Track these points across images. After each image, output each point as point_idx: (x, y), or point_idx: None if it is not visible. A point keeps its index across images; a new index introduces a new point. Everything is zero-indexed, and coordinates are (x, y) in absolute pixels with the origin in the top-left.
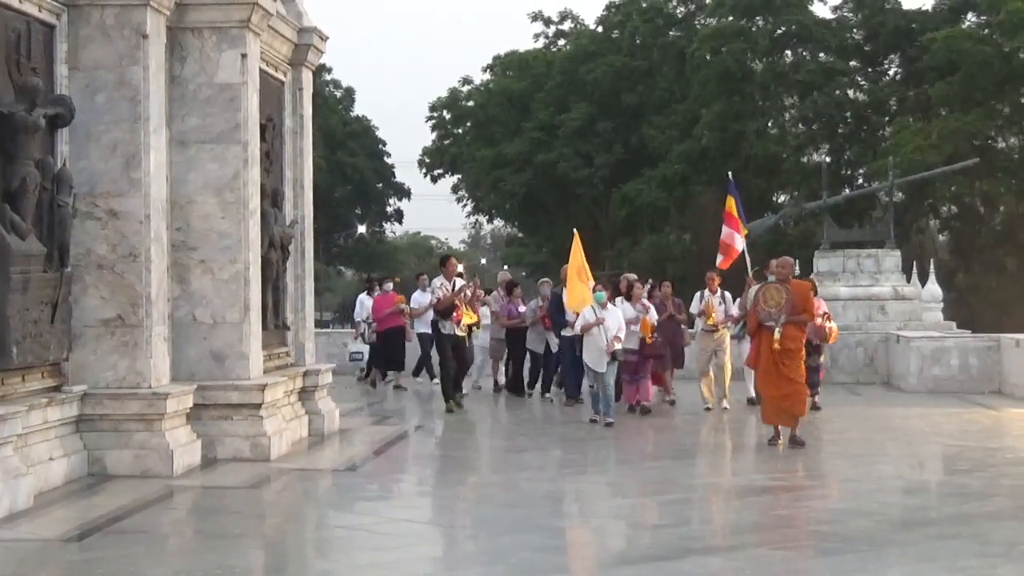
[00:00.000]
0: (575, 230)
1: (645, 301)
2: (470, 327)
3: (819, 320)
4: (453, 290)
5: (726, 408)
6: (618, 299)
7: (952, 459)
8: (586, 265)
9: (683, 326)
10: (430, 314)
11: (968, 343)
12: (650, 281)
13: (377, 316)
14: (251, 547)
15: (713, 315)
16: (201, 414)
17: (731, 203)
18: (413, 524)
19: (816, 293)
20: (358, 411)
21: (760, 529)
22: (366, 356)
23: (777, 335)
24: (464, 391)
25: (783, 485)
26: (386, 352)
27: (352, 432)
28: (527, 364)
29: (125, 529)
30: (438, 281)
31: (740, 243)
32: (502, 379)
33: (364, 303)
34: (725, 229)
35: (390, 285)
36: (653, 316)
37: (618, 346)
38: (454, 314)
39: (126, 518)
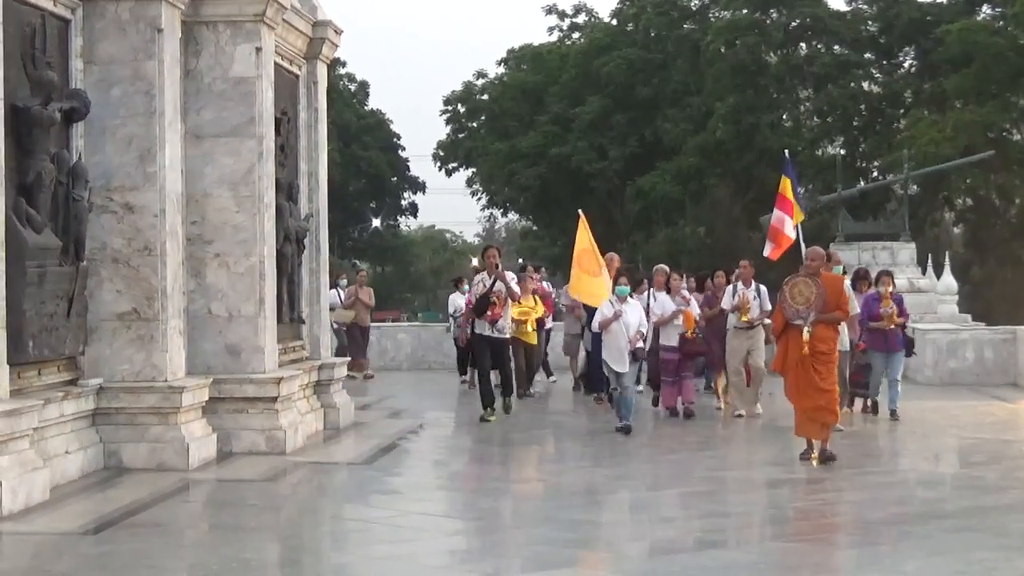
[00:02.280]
0: (580, 211)
1: (685, 293)
2: (540, 321)
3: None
4: (491, 286)
5: (758, 413)
6: (660, 292)
7: (968, 452)
8: (596, 251)
9: None
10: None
11: (983, 336)
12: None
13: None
14: (267, 540)
15: (748, 311)
16: (217, 407)
17: (786, 184)
18: (428, 517)
19: (894, 284)
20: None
21: (776, 522)
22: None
23: (806, 335)
24: (534, 390)
25: (799, 478)
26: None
27: (367, 425)
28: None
29: (141, 522)
30: (478, 276)
31: (792, 230)
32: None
33: (455, 301)
34: (776, 213)
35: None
36: (695, 308)
37: (640, 344)
38: (488, 312)
39: (142, 511)
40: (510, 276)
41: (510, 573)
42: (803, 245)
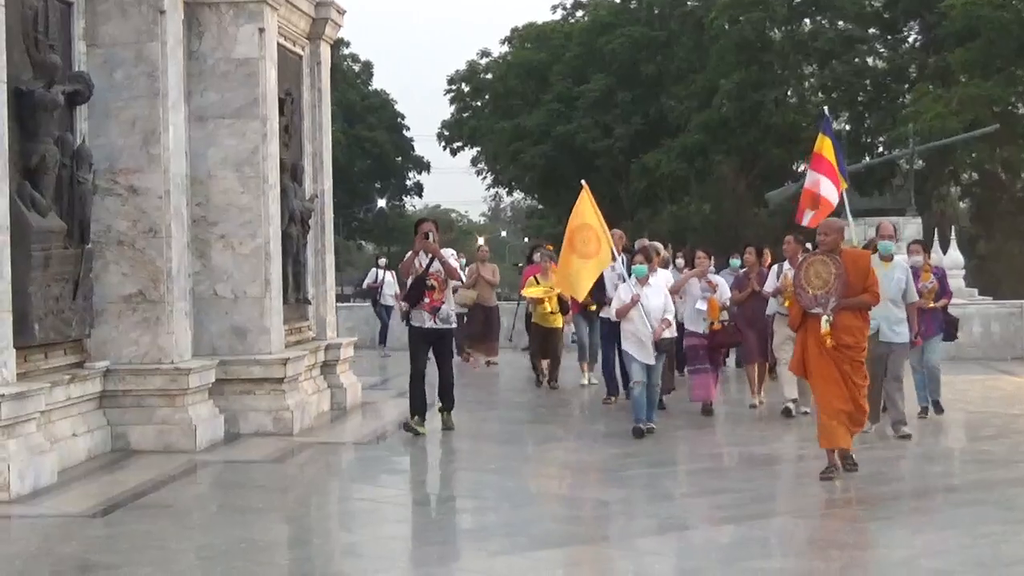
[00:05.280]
0: (583, 181)
1: (713, 276)
2: (588, 307)
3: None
4: (428, 267)
5: (805, 412)
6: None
7: (975, 426)
8: (601, 226)
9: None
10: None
11: (990, 310)
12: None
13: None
14: (275, 520)
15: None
16: (223, 389)
17: (824, 143)
18: (436, 496)
19: (929, 255)
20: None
21: (784, 497)
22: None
23: (826, 326)
24: (588, 379)
25: (807, 454)
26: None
27: (374, 405)
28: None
29: (149, 504)
30: (410, 254)
31: (833, 194)
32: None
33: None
34: (810, 176)
35: (539, 256)
36: (724, 294)
37: (667, 333)
38: (426, 299)
39: (150, 493)
40: (448, 253)
41: (518, 551)
42: (850, 217)
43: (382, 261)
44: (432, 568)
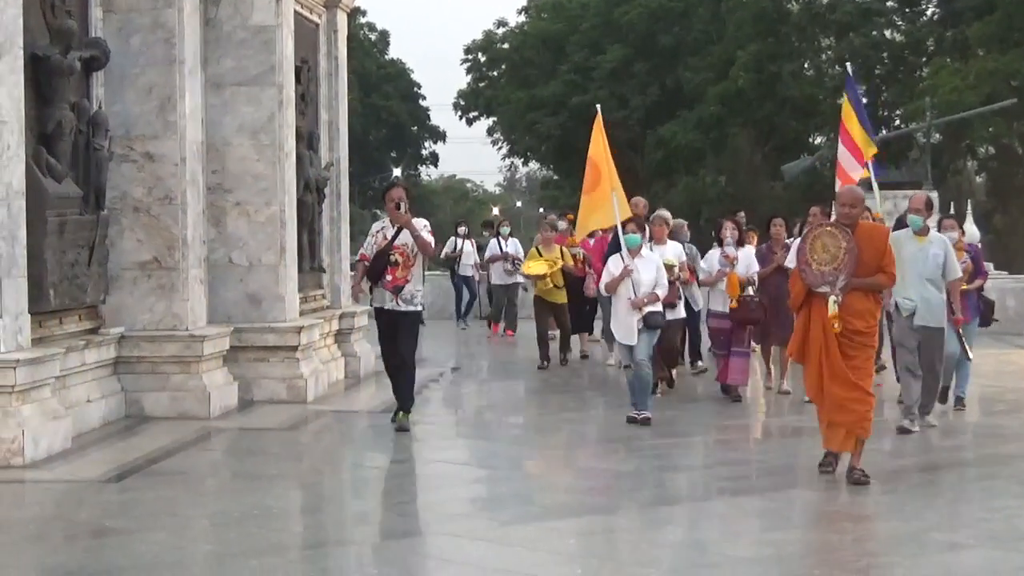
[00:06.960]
0: (598, 107)
1: (730, 249)
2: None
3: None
4: (393, 239)
5: (787, 392)
6: (660, 245)
7: (989, 400)
8: (608, 160)
9: None
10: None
11: (1005, 284)
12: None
13: None
14: (288, 488)
15: None
16: (238, 356)
17: (846, 111)
18: (448, 465)
19: (963, 232)
20: None
21: (796, 470)
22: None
23: (834, 308)
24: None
25: (818, 427)
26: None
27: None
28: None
29: (163, 470)
30: (378, 224)
31: (855, 167)
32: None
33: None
34: (840, 149)
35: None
36: (752, 267)
37: (657, 306)
38: (388, 277)
39: (164, 459)
40: (420, 223)
41: (530, 520)
42: (875, 186)
43: (461, 229)
44: (444, 537)
